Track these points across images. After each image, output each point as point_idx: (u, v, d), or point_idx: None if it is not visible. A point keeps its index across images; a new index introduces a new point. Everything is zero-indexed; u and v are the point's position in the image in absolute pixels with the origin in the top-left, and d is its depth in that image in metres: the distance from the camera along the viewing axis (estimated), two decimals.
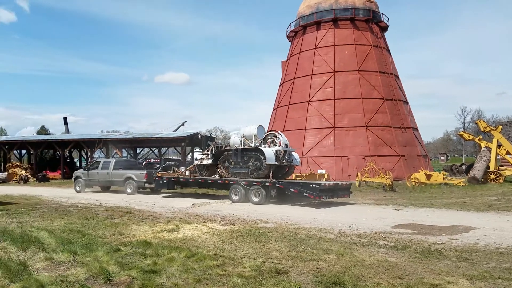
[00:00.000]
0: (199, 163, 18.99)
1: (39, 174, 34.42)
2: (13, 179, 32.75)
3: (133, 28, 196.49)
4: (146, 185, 20.32)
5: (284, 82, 32.84)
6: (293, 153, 17.83)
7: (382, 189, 21.28)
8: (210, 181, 17.82)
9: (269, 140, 17.34)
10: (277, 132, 17.59)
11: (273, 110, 33.72)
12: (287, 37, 34.48)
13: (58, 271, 5.96)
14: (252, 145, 17.07)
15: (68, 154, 46.06)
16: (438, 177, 22.95)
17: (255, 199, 15.51)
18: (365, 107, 28.13)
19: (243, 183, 16.06)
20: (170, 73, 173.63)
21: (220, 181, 17.29)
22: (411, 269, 6.00)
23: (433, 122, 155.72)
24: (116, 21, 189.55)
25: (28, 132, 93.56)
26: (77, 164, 48.70)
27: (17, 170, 34.76)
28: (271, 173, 16.05)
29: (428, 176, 22.91)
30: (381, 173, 22.45)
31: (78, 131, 78.10)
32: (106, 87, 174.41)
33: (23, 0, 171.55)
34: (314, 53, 30.22)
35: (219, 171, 17.96)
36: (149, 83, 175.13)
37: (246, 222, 10.80)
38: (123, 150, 45.63)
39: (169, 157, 45.72)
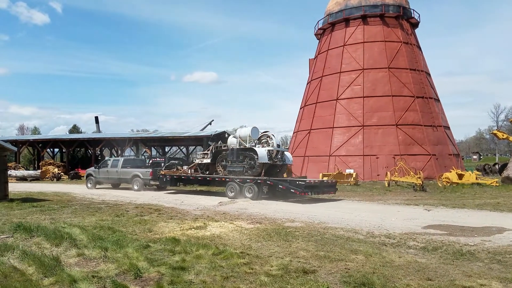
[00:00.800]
0: (200, 162, 20.23)
1: (71, 171, 35.56)
2: (46, 176, 33.99)
3: (162, 28, 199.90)
4: (152, 182, 21.36)
5: (311, 80, 32.56)
6: (285, 152, 18.99)
7: (412, 189, 20.77)
8: (208, 178, 18.80)
9: (263, 140, 18.44)
10: (270, 133, 18.54)
11: (300, 108, 33.50)
12: (315, 34, 34.15)
13: (89, 266, 6.14)
14: (247, 145, 18.14)
15: (99, 152, 47.44)
16: (471, 176, 22.19)
17: (249, 195, 16.52)
18: (395, 105, 27.50)
19: (238, 180, 17.12)
20: (198, 72, 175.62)
21: (217, 179, 18.38)
22: (442, 270, 5.82)
23: (465, 121, 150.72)
24: (146, 22, 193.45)
25: (60, 131, 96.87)
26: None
27: (50, 168, 36.00)
28: (264, 171, 17.19)
29: (460, 176, 22.19)
30: (411, 173, 21.91)
31: (109, 130, 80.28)
32: (136, 87, 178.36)
33: (56, 2, 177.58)
34: (342, 51, 29.79)
35: (218, 169, 19.12)
36: (177, 82, 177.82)
37: (273, 221, 10.78)
38: (152, 148, 46.62)
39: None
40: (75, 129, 78.79)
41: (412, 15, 30.59)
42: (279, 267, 5.92)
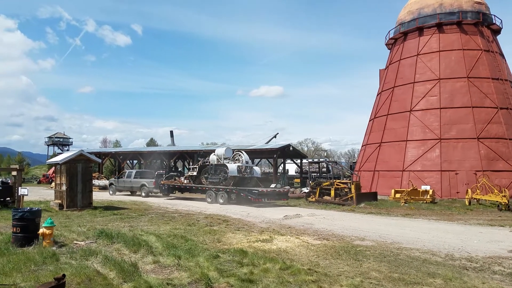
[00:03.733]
0: (190, 174, 24.64)
1: None
2: None
3: (231, 46, 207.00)
4: (154, 190, 25.66)
5: (382, 91, 31.44)
6: (254, 167, 23.86)
7: (496, 208, 19.01)
8: (194, 187, 23.42)
9: (236, 158, 22.89)
10: (241, 152, 23.24)
11: (370, 120, 32.43)
12: (386, 44, 33.07)
13: (164, 274, 6.44)
14: (222, 161, 22.48)
15: (173, 163, 49.89)
16: None
17: (221, 201, 20.67)
18: (476, 116, 25.53)
19: (214, 189, 21.51)
20: (264, 86, 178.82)
21: (200, 188, 22.95)
22: None
23: None
24: (216, 40, 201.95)
25: (139, 144, 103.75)
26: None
27: None
28: (234, 182, 21.14)
29: None
30: (496, 190, 20.05)
31: (182, 143, 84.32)
32: (206, 102, 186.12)
33: (137, 25, 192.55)
34: (416, 60, 28.45)
35: (202, 180, 23.49)
36: (244, 97, 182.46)
37: (341, 238, 10.48)
38: None
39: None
40: (152, 142, 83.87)
41: (493, 21, 28.39)
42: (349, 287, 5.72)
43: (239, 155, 22.91)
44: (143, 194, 25.94)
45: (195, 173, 24.12)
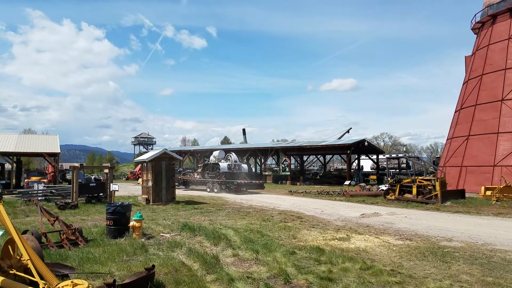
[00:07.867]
0: (199, 170, 32.56)
1: None
2: None
3: (301, 41, 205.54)
4: None
5: (469, 79, 29.00)
6: (242, 165, 31.41)
7: None
8: (198, 180, 31.11)
9: (228, 158, 30.32)
10: (231, 153, 31.07)
11: (456, 111, 30.09)
12: (472, 29, 30.42)
13: (243, 267, 6.61)
14: (217, 161, 30.25)
15: (245, 160, 51.09)
16: None
17: (215, 190, 27.27)
18: None
19: (211, 181, 28.63)
20: (336, 80, 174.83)
21: (202, 181, 30.40)
22: None
23: None
24: (285, 37, 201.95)
25: (214, 142, 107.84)
26: (253, 170, 53.49)
27: None
28: (224, 176, 28.15)
29: None
30: None
31: (253, 141, 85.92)
32: (276, 99, 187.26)
33: (212, 27, 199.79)
34: (507, 45, 25.78)
35: (205, 175, 30.58)
36: (315, 92, 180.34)
37: (426, 238, 9.86)
38: (291, 157, 47.96)
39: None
40: (225, 140, 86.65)
41: None
42: None
43: (230, 156, 30.43)
44: None
45: (200, 170, 32.17)
